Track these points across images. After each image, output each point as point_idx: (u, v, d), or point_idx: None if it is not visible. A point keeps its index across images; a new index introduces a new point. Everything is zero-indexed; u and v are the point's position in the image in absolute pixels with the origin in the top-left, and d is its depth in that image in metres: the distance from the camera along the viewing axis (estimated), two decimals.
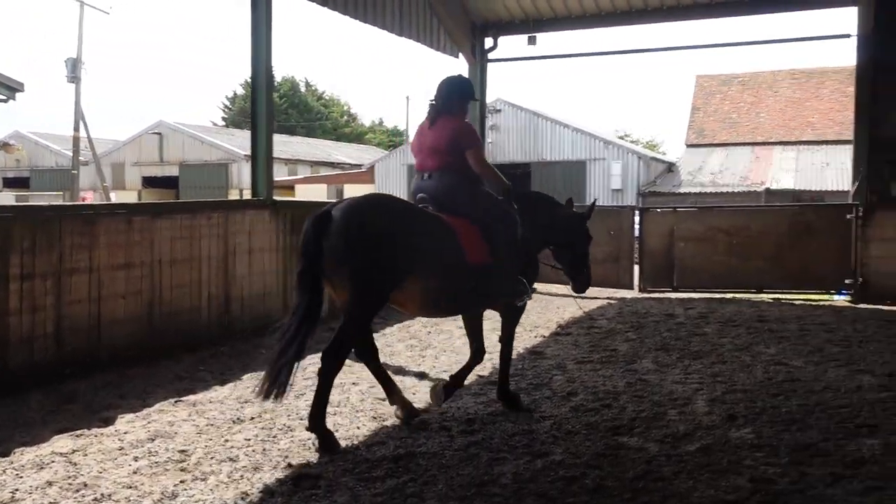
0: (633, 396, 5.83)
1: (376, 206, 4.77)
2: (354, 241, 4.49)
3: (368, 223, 4.58)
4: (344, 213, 4.54)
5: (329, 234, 4.47)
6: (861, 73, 11.10)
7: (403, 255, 4.63)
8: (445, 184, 5.16)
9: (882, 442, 4.76)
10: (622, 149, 29.93)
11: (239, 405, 5.56)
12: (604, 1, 12.25)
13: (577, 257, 5.85)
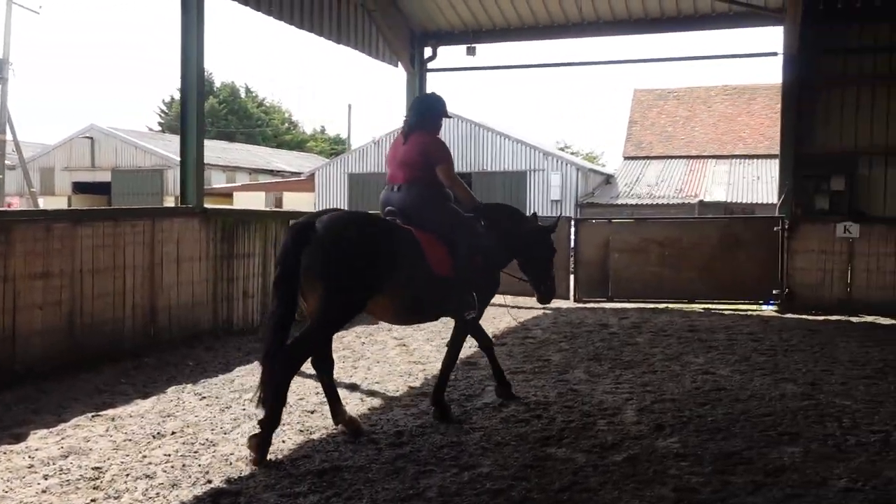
0: (563, 407, 5.84)
1: (355, 223, 4.91)
2: (334, 255, 4.62)
3: (347, 239, 4.70)
4: (325, 227, 4.65)
5: (310, 246, 4.58)
6: (787, 90, 11.48)
7: (379, 269, 4.79)
8: (413, 197, 5.31)
9: (802, 449, 4.87)
10: (562, 160, 30.32)
11: (161, 419, 5.37)
12: (542, 14, 12.38)
13: (541, 269, 6.00)
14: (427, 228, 5.21)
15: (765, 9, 11.37)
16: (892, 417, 5.63)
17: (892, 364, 7.60)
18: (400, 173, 5.39)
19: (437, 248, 5.18)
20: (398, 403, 5.89)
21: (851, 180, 11.60)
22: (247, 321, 8.82)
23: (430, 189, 5.34)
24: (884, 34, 11.35)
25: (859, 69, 11.49)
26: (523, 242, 5.85)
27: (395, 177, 5.44)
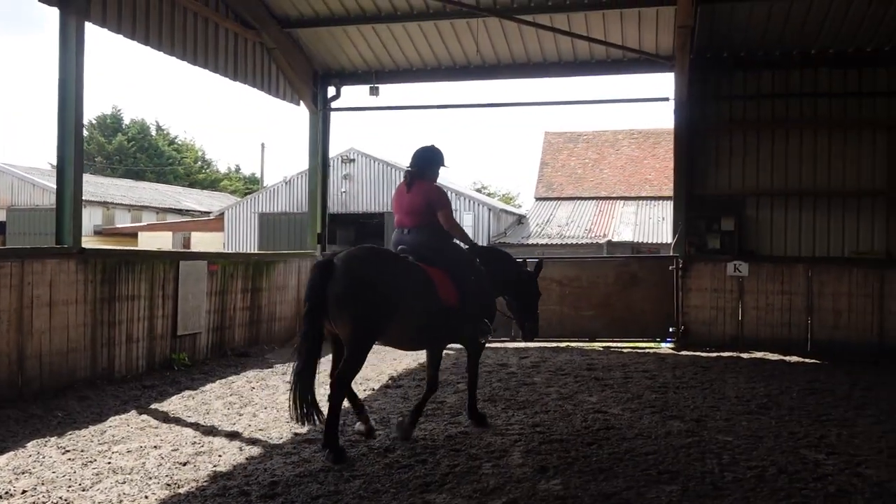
0: (450, 450, 5.72)
1: (372, 258, 5.61)
2: (355, 287, 5.31)
3: (366, 272, 5.41)
4: (345, 263, 5.38)
5: (333, 280, 5.28)
6: (678, 134, 11.89)
7: (393, 299, 5.45)
8: (422, 239, 6.06)
9: (680, 488, 4.88)
10: (474, 201, 30.64)
11: (13, 476, 4.96)
12: (444, 56, 12.51)
13: (526, 309, 6.76)
14: (437, 265, 5.93)
15: (656, 56, 11.81)
16: (770, 452, 5.74)
17: (776, 399, 7.81)
18: (408, 219, 6.15)
19: (445, 281, 5.89)
20: (279, 451, 5.64)
21: (740, 220, 12.06)
22: (130, 367, 8.36)
23: (437, 232, 6.10)
24: (766, 82, 11.95)
25: (744, 115, 12.03)
26: (512, 283, 6.65)
27: (404, 222, 6.20)
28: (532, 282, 6.80)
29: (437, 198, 6.12)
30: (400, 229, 6.23)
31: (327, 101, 13.33)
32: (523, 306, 6.75)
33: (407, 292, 5.55)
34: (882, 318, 11.03)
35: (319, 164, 13.30)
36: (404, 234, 6.17)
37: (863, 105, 11.64)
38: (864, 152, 11.66)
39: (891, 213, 11.52)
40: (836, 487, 4.90)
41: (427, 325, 5.80)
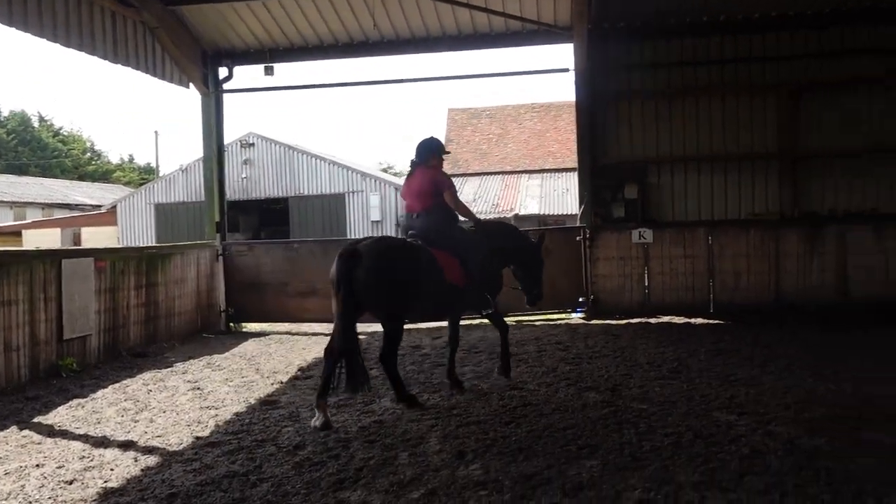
0: (364, 442, 5.47)
1: (391, 246, 6.34)
2: (387, 271, 6.02)
3: (394, 255, 6.14)
4: (368, 251, 6.03)
5: (358, 268, 5.93)
6: (580, 105, 11.90)
7: (412, 283, 6.17)
8: (430, 223, 6.62)
9: (601, 462, 4.80)
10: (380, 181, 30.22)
11: None
12: (340, 32, 12.07)
13: (530, 277, 7.35)
14: (442, 247, 6.51)
15: (555, 27, 11.74)
16: (684, 417, 5.76)
17: (685, 362, 7.92)
18: (417, 203, 6.71)
19: (453, 262, 6.52)
20: (179, 459, 5.24)
21: (643, 188, 12.22)
22: (10, 379, 7.66)
23: (442, 214, 6.65)
24: (661, 51, 12.10)
25: (642, 84, 12.16)
26: (518, 254, 7.24)
27: (413, 206, 6.80)
28: (536, 252, 7.40)
29: (441, 179, 6.71)
30: (409, 214, 6.88)
31: (219, 83, 12.68)
32: (528, 275, 7.35)
33: (421, 276, 6.23)
34: (778, 277, 11.41)
35: (215, 149, 12.66)
36: (413, 219, 6.77)
37: (753, 70, 11.95)
38: (758, 117, 11.98)
39: (783, 174, 11.90)
40: (750, 448, 4.93)
41: (439, 301, 6.55)
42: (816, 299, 11.27)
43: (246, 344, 10.56)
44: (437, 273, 6.35)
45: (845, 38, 11.72)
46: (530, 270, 7.34)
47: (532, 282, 7.36)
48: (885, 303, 11.05)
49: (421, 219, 6.65)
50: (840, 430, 5.28)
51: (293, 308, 12.16)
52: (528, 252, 7.34)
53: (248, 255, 12.38)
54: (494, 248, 6.93)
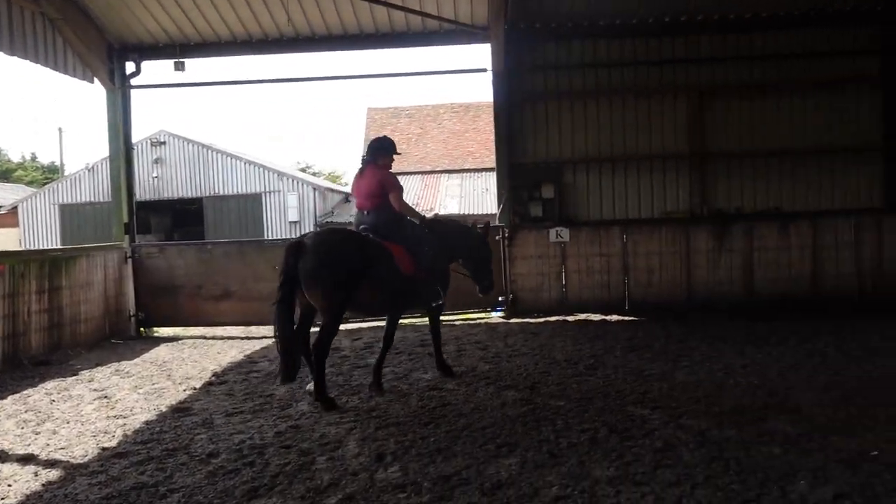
0: (280, 448, 5.34)
1: (337, 238, 6.56)
2: (324, 264, 6.21)
3: (338, 246, 6.37)
4: (314, 242, 6.32)
5: (304, 258, 6.20)
6: (497, 105, 11.98)
7: (357, 272, 6.34)
8: (380, 218, 6.88)
9: (519, 460, 4.83)
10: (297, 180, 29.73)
11: None
12: (254, 28, 11.78)
13: (479, 267, 7.71)
14: (394, 240, 6.77)
15: (472, 26, 11.78)
16: (600, 413, 5.86)
17: (601, 359, 8.08)
18: (367, 202, 6.96)
19: (403, 254, 6.75)
20: (83, 472, 4.99)
21: (560, 187, 12.41)
22: None
23: (392, 211, 6.90)
24: (576, 52, 12.31)
25: (558, 85, 12.34)
26: (466, 247, 7.56)
27: (364, 204, 7.00)
28: (483, 242, 7.75)
29: (388, 181, 6.91)
30: (360, 212, 7.06)
31: (126, 78, 12.17)
32: (477, 265, 7.70)
33: (369, 265, 6.41)
34: (689, 274, 11.79)
35: (122, 147, 12.15)
36: (364, 216, 6.99)
37: (664, 72, 12.28)
38: (669, 118, 12.33)
39: (693, 174, 12.30)
40: (663, 442, 5.05)
41: (390, 292, 6.71)
42: (725, 294, 11.70)
43: (157, 349, 10.19)
44: (389, 262, 6.61)
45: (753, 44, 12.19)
46: (480, 261, 7.70)
47: (482, 272, 7.72)
48: (789, 297, 11.58)
49: (371, 216, 6.94)
50: (747, 421, 5.48)
51: (208, 311, 11.80)
52: (476, 243, 7.68)
53: (160, 258, 11.96)
54: (443, 243, 7.21)
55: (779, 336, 9.10)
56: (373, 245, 6.57)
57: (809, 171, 12.28)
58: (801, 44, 12.15)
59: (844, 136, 12.20)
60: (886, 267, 11.68)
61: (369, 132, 37.93)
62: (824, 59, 12.16)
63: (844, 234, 11.72)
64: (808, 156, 12.26)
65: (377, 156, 7.06)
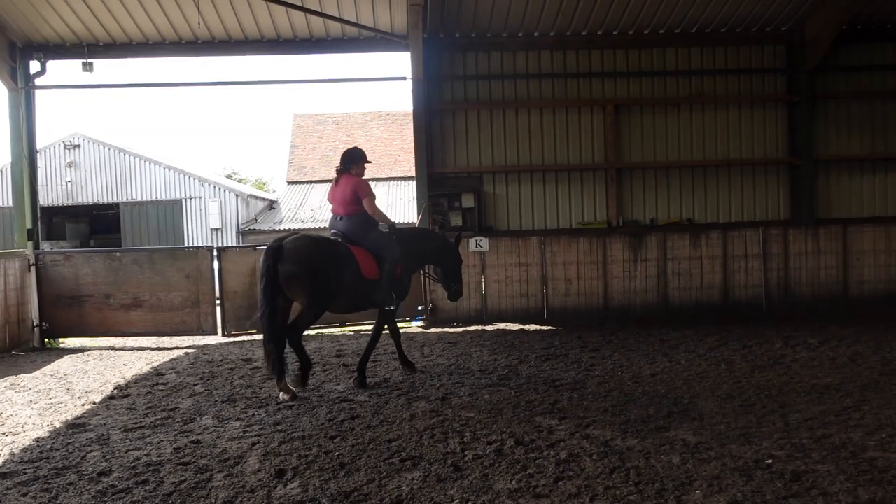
0: (178, 464, 5.12)
1: (312, 242, 7.11)
2: (306, 264, 6.87)
3: (313, 251, 6.97)
4: (292, 246, 6.92)
5: (282, 261, 6.84)
6: (417, 114, 11.95)
7: (330, 274, 6.99)
8: (351, 224, 7.48)
9: (422, 474, 4.75)
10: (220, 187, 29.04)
11: None
12: (166, 29, 11.45)
13: (449, 272, 8.22)
14: (362, 245, 7.38)
15: (392, 34, 11.74)
16: (508, 424, 5.84)
17: (515, 369, 8.09)
18: (340, 208, 7.53)
19: (368, 259, 7.31)
20: None
21: (480, 197, 12.46)
22: None
23: (363, 218, 7.46)
24: (496, 63, 12.40)
25: (477, 94, 12.40)
26: (436, 254, 8.12)
27: (337, 210, 7.59)
28: (453, 250, 8.21)
29: (361, 189, 7.46)
30: (334, 217, 7.63)
31: (30, 78, 11.66)
32: (447, 272, 8.20)
33: (339, 269, 7.05)
34: (606, 283, 11.99)
35: (25, 149, 11.62)
36: (337, 221, 7.57)
37: (581, 85, 12.49)
38: (586, 130, 12.54)
39: (609, 185, 12.53)
40: (568, 452, 5.06)
41: (356, 293, 7.27)
42: (641, 304, 11.94)
43: (60, 361, 9.73)
44: (354, 266, 7.16)
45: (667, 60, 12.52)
46: (449, 268, 8.20)
47: (451, 278, 8.21)
48: (702, 305, 11.90)
49: (343, 221, 7.51)
50: (651, 430, 5.55)
51: (117, 322, 11.36)
52: (446, 251, 8.17)
53: (65, 265, 11.44)
54: (411, 249, 7.70)
55: (689, 344, 9.32)
56: (342, 249, 7.19)
57: (720, 185, 12.68)
58: (712, 61, 12.56)
59: (753, 151, 12.65)
60: (792, 276, 12.15)
61: (295, 138, 37.47)
62: (734, 76, 12.60)
63: (753, 245, 12.13)
64: (719, 169, 12.66)
65: (350, 165, 7.61)
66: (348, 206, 7.46)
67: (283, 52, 11.97)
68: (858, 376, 7.22)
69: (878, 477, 4.42)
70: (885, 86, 12.73)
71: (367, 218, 7.47)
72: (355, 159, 7.66)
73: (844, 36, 12.39)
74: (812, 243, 12.24)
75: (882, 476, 4.43)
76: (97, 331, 11.44)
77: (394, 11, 11.27)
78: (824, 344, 9.06)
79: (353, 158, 7.66)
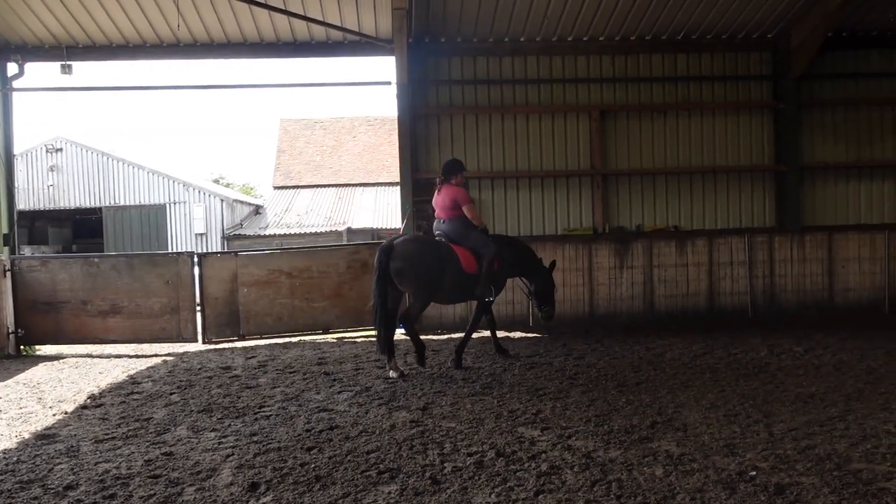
0: (148, 478, 4.96)
1: (421, 240, 8.67)
2: (414, 261, 8.01)
3: (420, 250, 8.15)
4: (402, 245, 8.10)
5: (393, 258, 7.98)
6: (401, 118, 11.85)
7: (435, 268, 8.09)
8: (452, 227, 8.55)
9: (400, 487, 4.62)
10: (205, 191, 28.79)
11: None
12: (147, 32, 11.29)
13: (538, 295, 8.95)
14: (462, 245, 8.40)
15: (376, 39, 11.63)
16: (490, 435, 5.72)
17: (499, 377, 7.97)
18: (443, 213, 8.61)
19: (468, 256, 8.32)
20: None
21: None
22: None
23: (462, 221, 8.51)
24: (482, 68, 12.31)
25: (463, 99, 12.30)
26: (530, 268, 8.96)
27: (440, 215, 8.67)
28: (546, 274, 8.93)
29: (460, 197, 8.52)
30: (438, 220, 8.70)
31: (8, 80, 11.47)
32: (538, 292, 8.93)
33: (442, 265, 8.11)
34: (592, 290, 11.92)
35: (2, 152, 11.43)
36: (441, 224, 8.65)
37: (567, 90, 12.41)
38: (571, 135, 12.46)
39: (595, 191, 12.45)
40: (549, 464, 4.94)
41: (459, 286, 8.30)
42: (627, 311, 11.87)
43: (35, 369, 9.54)
44: (455, 263, 8.16)
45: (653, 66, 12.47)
46: (540, 289, 8.90)
47: (543, 298, 8.90)
48: (687, 312, 11.84)
49: (445, 224, 8.57)
50: (634, 441, 5.44)
51: (95, 328, 11.17)
52: (538, 268, 8.94)
53: (42, 271, 11.24)
54: (503, 252, 8.56)
55: (674, 352, 9.23)
56: (445, 248, 8.24)
57: (706, 191, 12.64)
58: (698, 67, 12.52)
59: (739, 158, 12.62)
60: (777, 283, 12.11)
61: (282, 143, 37.27)
62: (720, 82, 12.57)
63: (739, 252, 12.09)
64: (705, 176, 12.62)
65: (450, 175, 8.67)
66: (449, 212, 8.52)
67: (267, 55, 11.85)
68: (843, 385, 7.15)
69: (863, 490, 4.33)
70: (870, 93, 12.74)
71: (465, 221, 8.48)
72: (454, 170, 8.69)
73: (830, 43, 12.39)
74: (798, 250, 12.22)
75: (867, 489, 4.34)
76: (74, 338, 11.25)
77: (378, 15, 11.17)
78: (809, 352, 9.00)
79: (453, 170, 8.70)
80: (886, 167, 12.79)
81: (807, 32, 11.93)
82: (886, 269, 12.31)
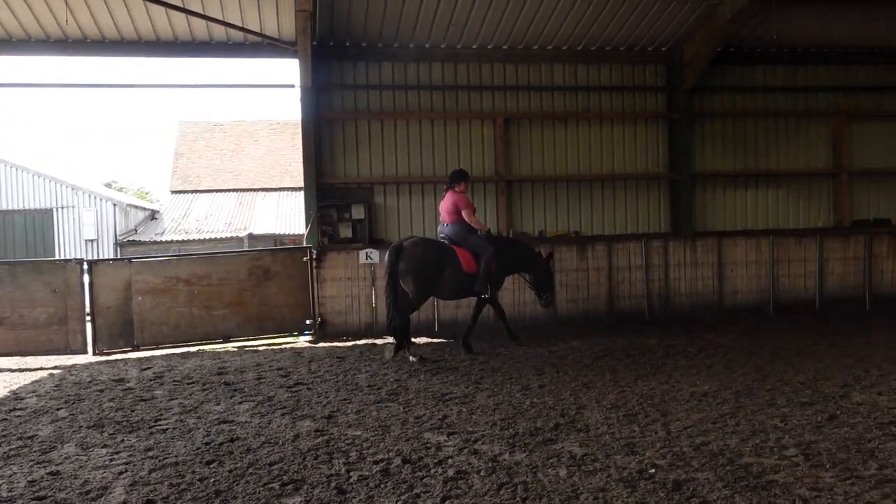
0: (32, 500, 4.66)
1: (425, 243, 9.34)
2: (415, 263, 9.01)
3: (422, 253, 9.09)
4: (409, 247, 9.08)
5: (402, 258, 9.02)
6: (305, 122, 11.67)
7: (437, 268, 9.09)
8: (454, 230, 9.43)
9: (304, 499, 4.51)
10: (95, 195, 27.44)
11: None
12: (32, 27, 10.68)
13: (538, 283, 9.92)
14: (463, 246, 9.29)
15: (279, 41, 11.42)
16: (396, 441, 5.67)
17: (405, 383, 7.93)
18: (447, 217, 9.49)
19: (468, 257, 9.24)
20: None
21: (370, 208, 12.27)
22: None
23: (463, 225, 9.39)
24: (387, 73, 12.29)
25: (368, 104, 12.25)
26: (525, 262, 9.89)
27: (444, 219, 9.56)
28: (544, 263, 9.91)
29: (461, 202, 9.42)
30: (442, 224, 9.60)
31: None
32: (538, 282, 9.89)
33: (442, 265, 9.06)
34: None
35: None
36: (444, 227, 9.55)
37: (472, 97, 12.56)
38: (476, 142, 12.63)
39: (499, 197, 12.62)
40: (455, 470, 4.94)
41: (459, 284, 9.26)
42: (529, 315, 12.05)
43: None
44: (456, 263, 9.13)
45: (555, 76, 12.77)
46: (539, 278, 9.87)
47: (542, 288, 9.90)
48: (587, 316, 12.14)
49: (448, 227, 9.47)
50: (538, 443, 5.51)
51: None
52: (535, 262, 9.86)
53: None
54: (502, 252, 9.38)
55: (576, 355, 9.43)
56: (449, 250, 9.20)
57: (605, 198, 13.03)
58: (597, 77, 12.91)
59: (636, 165, 13.08)
60: (672, 286, 12.59)
61: (180, 146, 36.04)
62: (618, 92, 13.00)
63: (636, 256, 12.51)
64: (605, 183, 13.00)
65: (454, 183, 9.53)
66: (451, 216, 9.42)
67: (163, 54, 11.43)
68: (733, 383, 7.48)
69: (754, 483, 4.53)
70: (756, 105, 13.46)
71: (466, 225, 9.37)
72: (458, 178, 9.58)
73: (720, 58, 13.02)
74: (690, 255, 12.75)
75: (757, 482, 4.55)
76: None
77: (281, 17, 10.96)
78: (702, 352, 9.38)
79: (457, 178, 9.58)
80: (771, 176, 13.55)
81: (697, 47, 12.50)
82: (771, 272, 13.01)
